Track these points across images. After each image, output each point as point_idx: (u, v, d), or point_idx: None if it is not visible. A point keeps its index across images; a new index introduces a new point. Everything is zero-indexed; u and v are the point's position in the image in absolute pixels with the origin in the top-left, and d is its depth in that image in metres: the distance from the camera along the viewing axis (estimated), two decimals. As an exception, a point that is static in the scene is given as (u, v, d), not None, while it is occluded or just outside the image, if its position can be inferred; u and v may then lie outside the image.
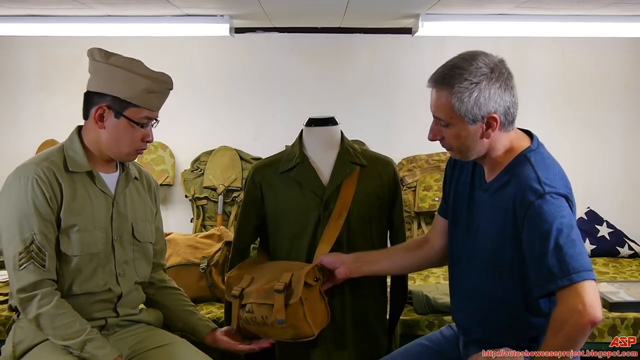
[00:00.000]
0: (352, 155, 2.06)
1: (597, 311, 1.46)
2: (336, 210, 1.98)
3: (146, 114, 1.83)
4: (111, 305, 1.90)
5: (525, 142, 1.67)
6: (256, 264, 2.08)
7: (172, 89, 1.87)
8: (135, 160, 2.02)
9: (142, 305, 2.05)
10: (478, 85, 1.55)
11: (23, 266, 1.74)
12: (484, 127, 1.59)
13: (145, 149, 1.91)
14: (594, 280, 1.49)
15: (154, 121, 1.89)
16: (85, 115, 1.87)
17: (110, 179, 1.92)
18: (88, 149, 1.87)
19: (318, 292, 1.92)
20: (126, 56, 1.82)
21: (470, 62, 1.57)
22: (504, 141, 1.65)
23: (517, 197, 1.57)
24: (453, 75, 1.57)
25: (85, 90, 1.85)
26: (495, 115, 1.58)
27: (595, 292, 1.48)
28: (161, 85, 1.83)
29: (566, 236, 1.50)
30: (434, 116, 1.65)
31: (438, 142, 1.70)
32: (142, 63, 1.83)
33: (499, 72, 1.58)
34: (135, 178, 2.00)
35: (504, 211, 1.62)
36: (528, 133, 1.72)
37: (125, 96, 1.79)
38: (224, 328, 2.02)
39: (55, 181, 1.78)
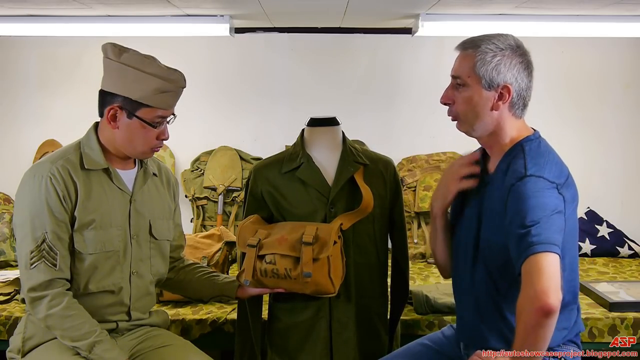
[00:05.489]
0: (355, 155, 2.06)
1: (549, 297, 1.39)
2: (364, 203, 1.96)
3: (160, 113, 1.81)
4: (125, 308, 1.90)
5: (527, 133, 1.70)
6: (269, 224, 2.03)
7: (185, 87, 1.85)
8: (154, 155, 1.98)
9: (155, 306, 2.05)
10: (503, 51, 1.64)
11: (34, 265, 1.74)
12: (497, 97, 1.64)
13: (161, 147, 1.89)
14: (558, 255, 1.45)
15: (171, 116, 1.87)
16: (100, 113, 1.85)
17: (127, 175, 1.91)
18: (104, 146, 1.86)
19: (340, 250, 1.92)
20: (140, 53, 1.79)
21: (500, 34, 1.67)
22: (512, 127, 1.67)
23: (507, 185, 1.60)
24: (482, 39, 1.66)
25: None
26: (510, 87, 1.63)
27: (553, 270, 1.43)
28: (173, 85, 1.81)
29: (541, 213, 1.49)
30: (452, 77, 1.70)
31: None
32: (155, 60, 1.80)
33: (523, 52, 1.67)
34: (154, 174, 1.99)
35: (498, 200, 1.63)
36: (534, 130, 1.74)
37: (136, 97, 1.77)
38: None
39: (69, 180, 1.78)
